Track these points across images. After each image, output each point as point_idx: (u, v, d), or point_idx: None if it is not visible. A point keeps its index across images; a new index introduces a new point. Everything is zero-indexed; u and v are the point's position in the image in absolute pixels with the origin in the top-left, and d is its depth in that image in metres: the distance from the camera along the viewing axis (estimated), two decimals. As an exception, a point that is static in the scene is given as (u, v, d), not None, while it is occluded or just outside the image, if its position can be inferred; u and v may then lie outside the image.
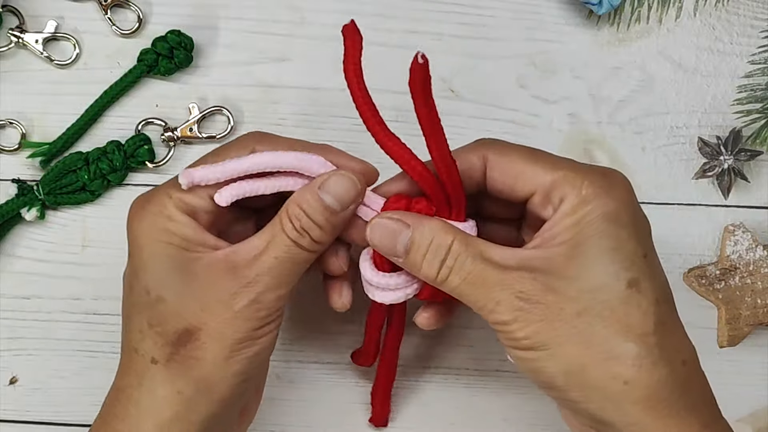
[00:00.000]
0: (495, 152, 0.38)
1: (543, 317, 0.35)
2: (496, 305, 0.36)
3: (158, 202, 0.38)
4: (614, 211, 0.36)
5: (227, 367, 0.37)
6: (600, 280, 0.35)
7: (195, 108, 0.48)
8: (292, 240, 0.37)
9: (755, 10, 0.50)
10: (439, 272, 0.37)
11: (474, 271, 0.36)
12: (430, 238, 0.37)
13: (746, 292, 0.48)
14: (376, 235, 0.38)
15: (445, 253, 0.36)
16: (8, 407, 0.48)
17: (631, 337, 0.35)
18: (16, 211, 0.47)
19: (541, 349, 0.35)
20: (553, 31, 0.50)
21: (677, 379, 0.35)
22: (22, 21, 0.48)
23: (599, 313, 0.35)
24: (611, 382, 0.35)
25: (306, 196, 0.37)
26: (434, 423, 0.49)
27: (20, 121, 0.48)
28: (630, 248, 0.36)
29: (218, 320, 0.36)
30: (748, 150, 0.49)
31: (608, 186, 0.36)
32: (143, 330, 0.37)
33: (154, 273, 0.37)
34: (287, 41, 0.49)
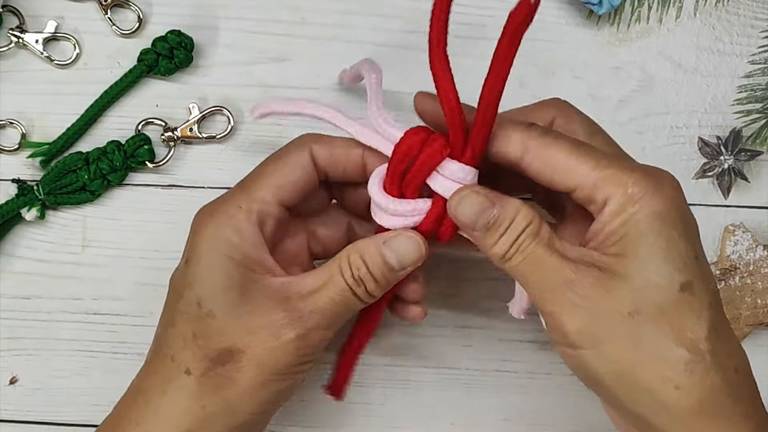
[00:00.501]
0: (538, 143, 0.37)
1: (595, 313, 0.35)
2: (551, 294, 0.35)
3: (226, 213, 0.38)
4: (663, 210, 0.35)
5: (257, 395, 0.37)
6: (652, 280, 0.34)
7: (195, 108, 0.48)
8: (348, 286, 0.37)
9: (755, 10, 0.50)
10: (508, 251, 0.36)
11: (535, 253, 0.36)
12: (513, 213, 0.36)
13: (746, 292, 0.48)
14: (462, 208, 0.37)
15: (519, 233, 0.36)
16: (8, 407, 0.48)
17: (683, 342, 0.34)
18: (16, 211, 0.47)
19: (589, 345, 0.35)
20: (553, 31, 0.50)
21: (729, 386, 0.34)
22: (22, 21, 0.48)
23: (651, 314, 0.34)
24: (662, 386, 0.34)
25: (370, 248, 0.38)
26: (434, 423, 0.49)
27: (20, 121, 0.48)
28: (682, 248, 0.35)
29: (262, 347, 0.36)
30: (748, 150, 0.49)
31: (655, 184, 0.35)
32: (186, 339, 0.37)
33: (209, 287, 0.37)
34: (287, 41, 0.49)
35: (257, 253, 0.37)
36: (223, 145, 0.49)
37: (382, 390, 0.49)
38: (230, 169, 0.49)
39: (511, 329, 0.49)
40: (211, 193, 0.49)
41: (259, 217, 0.38)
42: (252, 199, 0.38)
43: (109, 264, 0.49)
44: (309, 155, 0.39)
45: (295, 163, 0.39)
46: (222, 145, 0.49)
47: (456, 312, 0.49)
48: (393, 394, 0.49)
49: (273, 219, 0.38)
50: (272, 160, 0.40)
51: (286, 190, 0.39)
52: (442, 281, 0.49)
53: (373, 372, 0.49)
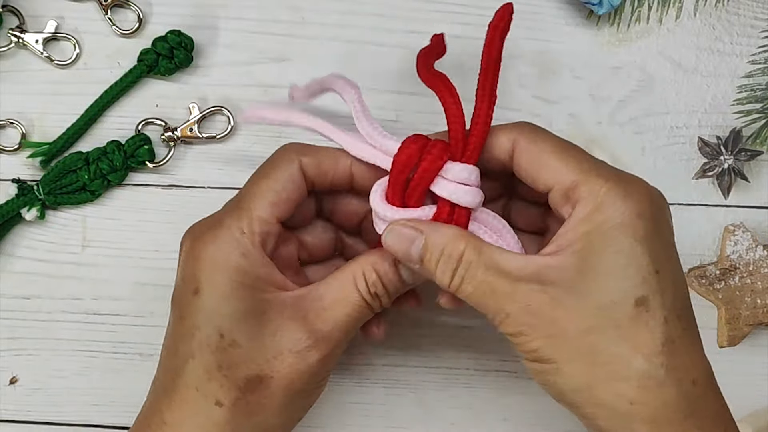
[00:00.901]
0: (526, 139, 0.38)
1: (550, 333, 0.35)
2: (506, 317, 0.36)
3: (230, 236, 0.37)
4: (629, 223, 0.35)
5: (288, 414, 0.38)
6: (608, 297, 0.34)
7: (195, 108, 0.48)
8: (364, 301, 0.38)
9: (755, 10, 0.50)
10: (452, 280, 0.36)
11: (485, 281, 0.36)
12: (442, 245, 0.36)
13: (746, 292, 0.48)
14: (391, 241, 0.37)
15: (457, 262, 0.36)
16: (8, 407, 0.48)
17: (637, 357, 0.34)
18: (16, 211, 0.47)
19: (549, 363, 0.35)
20: (553, 31, 0.50)
21: (686, 399, 0.35)
22: (22, 21, 0.48)
23: (605, 331, 0.34)
24: (618, 401, 0.34)
25: (386, 265, 0.38)
26: (434, 423, 0.49)
27: (20, 121, 0.48)
28: (642, 263, 0.35)
29: (289, 371, 0.37)
30: (748, 150, 0.49)
31: (626, 194, 0.35)
32: (211, 371, 0.36)
33: (229, 317, 0.36)
34: (287, 41, 0.49)
35: (268, 274, 0.37)
36: (223, 144, 0.49)
37: (382, 390, 0.49)
38: (230, 169, 0.49)
39: (511, 329, 0.49)
40: (211, 193, 0.49)
41: (262, 238, 0.38)
42: (252, 220, 0.38)
43: (109, 264, 0.48)
44: (298, 168, 0.39)
45: (287, 178, 0.39)
46: (222, 144, 0.49)
47: (456, 312, 0.49)
48: (393, 394, 0.49)
49: (273, 237, 0.38)
50: (263, 176, 0.39)
51: (282, 207, 0.38)
52: (442, 281, 0.49)
53: (373, 372, 0.49)
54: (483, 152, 0.38)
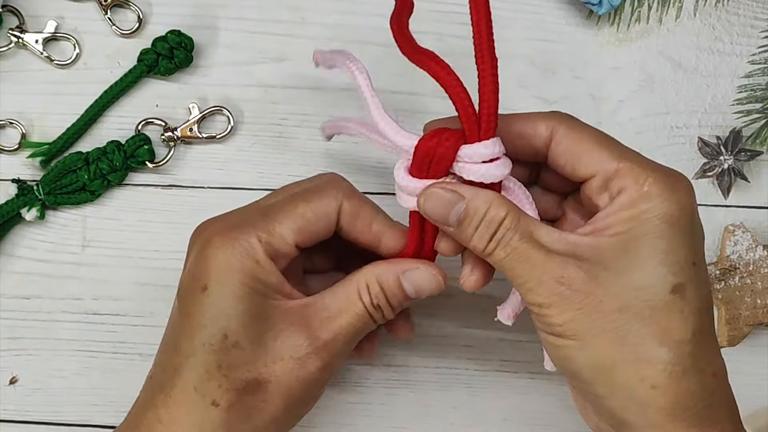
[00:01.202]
0: (566, 126, 0.38)
1: (581, 306, 0.35)
2: (537, 285, 0.35)
3: (246, 244, 0.37)
4: (674, 214, 0.35)
5: (285, 419, 0.38)
6: (647, 280, 0.35)
7: (195, 108, 0.48)
8: (367, 311, 0.38)
9: (755, 10, 0.50)
10: (488, 245, 0.36)
11: (519, 248, 0.36)
12: (484, 210, 0.36)
13: (746, 292, 0.48)
14: (429, 205, 0.37)
15: (496, 227, 0.36)
16: (8, 407, 0.48)
17: (666, 342, 0.34)
18: (16, 211, 0.47)
19: (573, 338, 0.35)
20: (553, 31, 0.50)
21: (705, 390, 0.35)
22: (22, 21, 0.48)
23: (639, 312, 0.34)
24: (639, 384, 0.34)
25: (390, 279, 0.38)
26: (434, 423, 0.49)
27: (20, 121, 0.48)
28: (681, 254, 0.35)
29: (289, 377, 0.37)
30: (748, 150, 0.49)
31: (672, 187, 0.35)
32: (211, 371, 0.36)
33: (235, 319, 0.36)
34: (287, 41, 0.49)
35: (277, 282, 0.37)
36: (223, 144, 0.49)
37: (382, 390, 0.49)
38: (230, 169, 0.49)
39: (511, 329, 0.49)
40: (211, 193, 0.49)
41: (276, 253, 0.38)
42: (272, 233, 0.38)
43: (109, 264, 0.49)
44: (336, 209, 0.39)
45: (323, 214, 0.39)
46: (222, 144, 0.49)
47: (456, 312, 0.49)
48: (393, 394, 0.49)
49: (287, 258, 0.38)
50: (302, 199, 0.39)
51: (305, 237, 0.38)
52: (442, 281, 0.49)
53: (373, 372, 0.49)
54: (518, 139, 0.38)
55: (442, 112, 0.49)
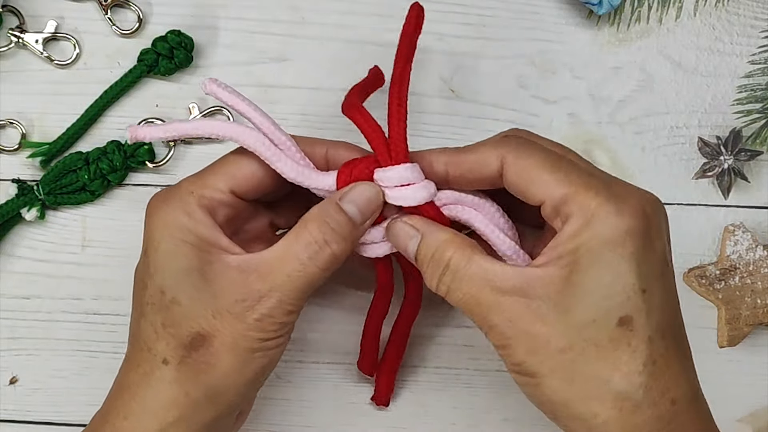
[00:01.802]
0: (513, 154, 0.37)
1: (531, 348, 0.35)
2: (490, 329, 0.36)
3: (178, 198, 0.38)
4: (618, 239, 0.34)
5: (240, 376, 0.37)
6: (590, 315, 0.34)
7: (195, 108, 0.48)
8: (307, 257, 0.37)
9: (755, 10, 0.50)
10: (438, 286, 0.37)
11: (470, 293, 0.36)
12: (433, 249, 0.37)
13: (746, 292, 0.48)
14: (390, 236, 0.39)
15: (444, 268, 0.36)
16: (8, 407, 0.48)
17: (615, 377, 0.34)
18: (16, 211, 0.47)
19: (532, 376, 0.35)
20: (553, 31, 0.50)
21: (661, 420, 0.34)
22: (22, 21, 0.48)
23: (585, 349, 0.34)
24: (593, 420, 0.35)
25: (329, 208, 0.38)
26: (434, 423, 0.49)
27: (20, 121, 0.48)
28: (628, 282, 0.34)
29: (231, 330, 0.36)
30: (748, 150, 0.49)
31: (617, 210, 0.34)
32: (158, 330, 0.37)
33: (170, 274, 0.37)
34: (287, 41, 0.49)
35: (211, 235, 0.37)
36: (223, 144, 0.49)
37: (382, 390, 0.49)
38: (230, 169, 0.49)
39: (511, 329, 0.49)
40: (211, 193, 0.49)
41: (210, 203, 0.38)
42: (204, 185, 0.38)
43: (109, 264, 0.48)
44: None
45: (253, 157, 0.39)
46: (222, 144, 0.49)
47: (456, 312, 0.49)
48: (393, 394, 0.49)
49: (225, 206, 0.38)
50: (232, 152, 0.40)
51: (240, 182, 0.38)
52: (442, 281, 0.49)
53: (373, 372, 0.49)
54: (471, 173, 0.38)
55: (441, 112, 0.50)
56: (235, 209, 0.39)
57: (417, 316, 0.45)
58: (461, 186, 0.39)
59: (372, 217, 0.39)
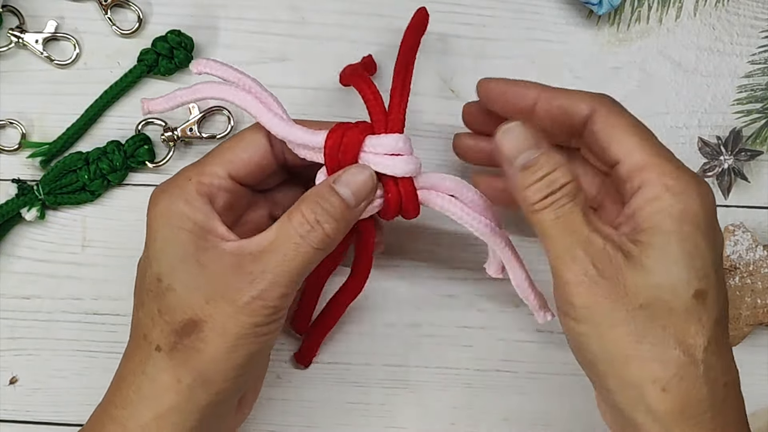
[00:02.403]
0: (606, 110, 0.38)
1: (608, 295, 0.35)
2: (571, 260, 0.35)
3: (177, 186, 0.38)
4: (697, 213, 0.35)
5: (228, 361, 0.37)
6: (671, 281, 0.35)
7: (195, 108, 0.48)
8: (300, 237, 0.37)
9: (755, 10, 0.50)
10: (542, 200, 0.36)
11: (571, 217, 0.36)
12: (554, 167, 0.36)
13: (746, 292, 0.48)
14: (508, 137, 0.37)
15: (557, 188, 0.36)
16: (8, 407, 0.48)
17: (682, 347, 0.34)
18: (16, 211, 0.47)
19: (593, 324, 0.35)
20: (553, 31, 0.50)
21: (715, 399, 0.35)
22: (22, 21, 0.48)
23: (660, 312, 0.35)
24: (650, 385, 0.34)
25: (321, 191, 0.38)
26: (434, 423, 0.49)
27: (20, 121, 0.48)
28: (706, 257, 0.35)
29: (222, 314, 0.36)
30: (748, 150, 0.49)
31: (696, 186, 0.36)
32: (154, 317, 0.37)
33: (166, 261, 0.37)
34: (287, 41, 0.49)
35: (208, 222, 0.38)
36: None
37: (382, 390, 0.49)
38: (230, 169, 0.49)
39: (511, 329, 0.49)
40: (211, 193, 0.49)
41: (209, 189, 0.38)
42: (202, 172, 0.39)
43: (109, 264, 0.48)
44: (265, 136, 0.40)
45: (250, 142, 0.40)
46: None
47: (456, 312, 0.49)
48: (393, 394, 0.49)
49: (224, 192, 0.39)
50: (230, 139, 0.40)
51: (238, 166, 0.39)
52: (442, 281, 0.49)
53: (373, 372, 0.49)
54: (559, 112, 0.39)
55: (441, 112, 0.50)
56: (234, 195, 0.39)
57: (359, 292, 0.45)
58: (541, 122, 0.40)
59: (366, 200, 0.39)
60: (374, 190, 0.39)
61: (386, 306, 0.49)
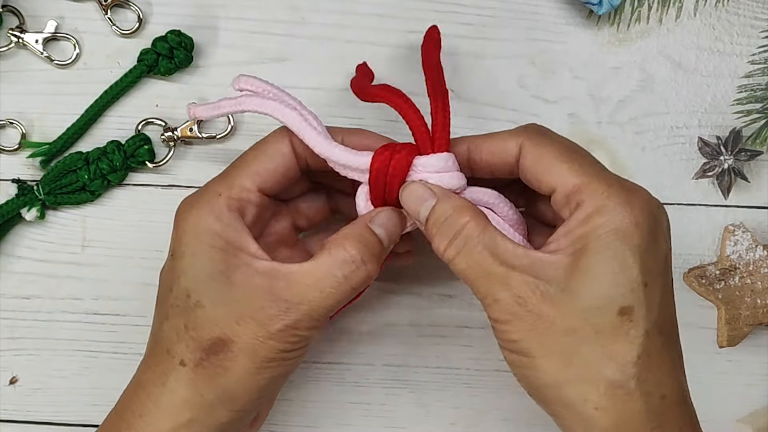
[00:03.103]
0: (532, 142, 0.38)
1: (533, 327, 0.35)
2: (494, 302, 0.36)
3: (207, 201, 0.38)
4: (627, 230, 0.35)
5: (253, 382, 0.37)
6: (594, 301, 0.35)
7: (195, 108, 0.48)
8: (343, 275, 0.37)
9: (755, 10, 0.50)
10: (447, 250, 0.37)
11: (480, 262, 0.36)
12: (448, 213, 0.37)
13: (746, 292, 0.48)
14: (404, 197, 0.39)
15: (456, 233, 0.37)
16: (8, 407, 0.48)
17: (610, 365, 0.35)
18: (16, 211, 0.47)
19: (526, 356, 0.36)
20: (553, 31, 0.50)
21: (652, 413, 0.35)
22: (22, 21, 0.48)
23: (586, 334, 0.35)
24: (583, 405, 0.35)
25: (361, 230, 0.38)
26: (434, 423, 0.49)
27: (20, 121, 0.48)
28: (633, 274, 0.35)
29: (252, 337, 0.36)
30: (748, 150, 0.49)
31: (627, 202, 0.36)
32: (180, 332, 0.37)
33: (196, 277, 0.37)
34: (287, 41, 0.49)
35: (239, 239, 0.38)
36: (223, 144, 0.49)
37: (382, 390, 0.49)
38: (230, 169, 0.49)
39: (511, 329, 0.49)
40: (211, 193, 0.49)
41: (239, 204, 0.38)
42: (231, 186, 0.38)
43: (109, 264, 0.48)
44: (289, 145, 0.40)
45: (275, 152, 0.40)
46: (222, 144, 0.49)
47: (456, 312, 0.49)
48: (393, 394, 0.49)
49: (253, 206, 0.39)
50: (252, 149, 0.40)
51: (266, 177, 0.39)
52: (442, 281, 0.49)
53: (373, 372, 0.49)
54: (491, 157, 0.39)
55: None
56: (261, 208, 0.39)
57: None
58: (480, 171, 0.40)
59: (394, 241, 0.40)
60: (402, 231, 0.40)
61: (386, 306, 0.49)
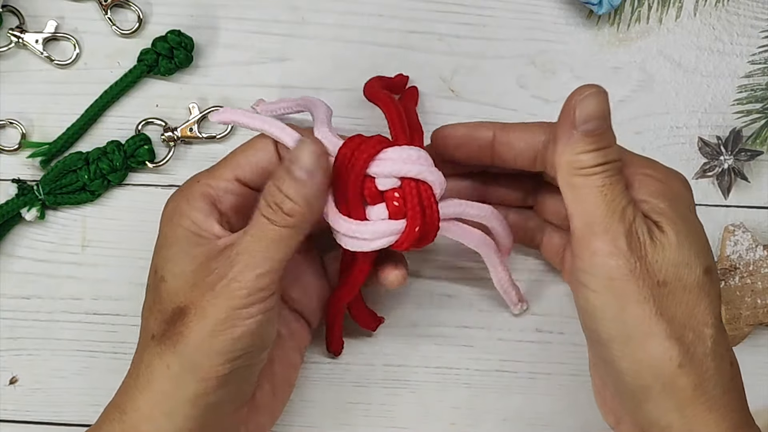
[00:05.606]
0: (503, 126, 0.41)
1: (633, 269, 0.35)
2: (604, 231, 0.36)
3: (186, 187, 0.40)
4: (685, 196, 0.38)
5: (210, 346, 0.36)
6: (685, 258, 0.36)
7: (195, 108, 0.48)
8: (266, 218, 0.37)
9: (755, 10, 0.50)
10: (595, 167, 0.36)
11: (615, 186, 0.36)
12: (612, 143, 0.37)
13: (746, 292, 0.48)
14: (586, 103, 0.38)
15: (612, 161, 0.37)
16: (8, 407, 0.48)
17: (694, 323, 0.35)
18: (16, 211, 0.47)
19: (614, 298, 0.35)
20: (553, 31, 0.50)
21: (724, 376, 0.36)
22: (22, 21, 0.48)
23: (677, 289, 0.36)
24: (666, 362, 0.35)
25: (278, 172, 0.37)
26: (434, 423, 0.49)
27: (20, 121, 0.48)
28: (704, 238, 0.37)
29: (202, 299, 0.37)
30: (748, 150, 0.49)
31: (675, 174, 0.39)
32: (151, 308, 0.39)
33: (163, 255, 0.39)
34: (287, 41, 0.49)
35: (204, 221, 0.39)
36: (223, 144, 0.49)
37: (382, 390, 0.49)
38: (230, 169, 0.49)
39: (511, 329, 0.49)
40: (211, 193, 0.49)
41: (216, 192, 0.40)
42: (211, 175, 0.40)
43: (109, 264, 0.48)
44: (272, 143, 0.41)
45: (259, 147, 0.41)
46: (222, 144, 0.49)
47: (456, 312, 0.49)
48: (393, 394, 0.49)
49: (231, 194, 0.40)
50: (240, 145, 0.42)
51: (246, 169, 0.40)
52: (442, 281, 0.49)
53: (373, 372, 0.49)
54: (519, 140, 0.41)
55: (441, 112, 0.50)
56: (241, 197, 0.40)
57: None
58: (501, 158, 0.41)
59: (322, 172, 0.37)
60: (324, 154, 0.38)
61: (386, 306, 0.49)
